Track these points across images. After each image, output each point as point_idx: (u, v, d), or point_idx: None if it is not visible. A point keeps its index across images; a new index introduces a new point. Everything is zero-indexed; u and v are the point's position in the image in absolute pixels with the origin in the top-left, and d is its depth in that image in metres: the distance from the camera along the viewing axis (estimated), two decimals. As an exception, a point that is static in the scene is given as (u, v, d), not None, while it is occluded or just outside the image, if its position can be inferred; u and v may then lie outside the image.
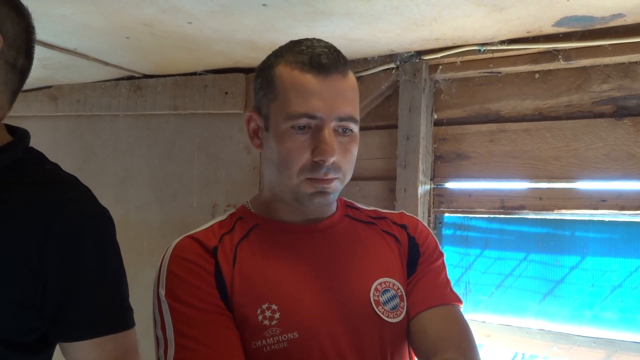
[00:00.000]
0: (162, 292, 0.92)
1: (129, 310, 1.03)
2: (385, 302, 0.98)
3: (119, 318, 1.00)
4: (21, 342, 0.95)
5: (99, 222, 1.00)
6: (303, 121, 0.92)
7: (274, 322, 0.90)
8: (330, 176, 0.94)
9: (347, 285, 0.98)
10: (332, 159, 0.92)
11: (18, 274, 0.92)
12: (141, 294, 1.19)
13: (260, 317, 0.91)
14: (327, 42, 0.98)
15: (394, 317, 0.98)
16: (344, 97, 0.94)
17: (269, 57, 1.01)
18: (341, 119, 0.94)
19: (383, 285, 1.00)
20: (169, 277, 0.93)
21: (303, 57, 0.94)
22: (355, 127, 0.97)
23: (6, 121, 1.09)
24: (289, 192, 0.97)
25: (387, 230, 1.08)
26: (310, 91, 0.92)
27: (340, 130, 0.95)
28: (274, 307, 0.91)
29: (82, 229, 0.96)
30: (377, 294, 0.98)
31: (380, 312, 0.97)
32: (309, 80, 0.92)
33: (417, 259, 1.06)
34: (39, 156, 1.05)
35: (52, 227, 0.93)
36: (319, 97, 0.92)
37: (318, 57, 0.93)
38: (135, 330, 1.03)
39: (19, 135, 1.03)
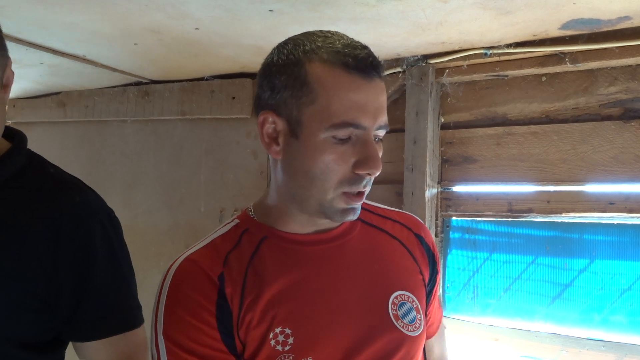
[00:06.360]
0: (160, 328, 0.85)
1: (138, 308, 1.05)
2: (404, 316, 0.95)
3: (129, 317, 1.03)
4: (37, 342, 0.97)
5: (107, 224, 1.02)
6: (348, 131, 0.83)
7: (287, 348, 0.85)
8: (367, 188, 0.89)
9: (365, 300, 0.93)
10: (378, 173, 0.85)
11: (34, 282, 0.93)
12: (148, 298, 1.19)
13: (272, 342, 0.85)
14: (353, 39, 0.88)
15: (414, 331, 0.95)
16: (384, 102, 0.86)
17: (290, 51, 0.87)
18: (380, 127, 0.86)
19: (399, 298, 0.96)
20: (167, 313, 0.86)
21: (345, 57, 0.83)
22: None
23: (15, 127, 1.09)
24: (315, 205, 0.88)
25: (400, 239, 1.04)
26: (357, 98, 0.82)
27: (375, 139, 0.87)
28: (288, 331, 0.86)
29: (91, 232, 0.98)
30: (395, 308, 0.94)
31: (400, 326, 0.93)
32: (356, 84, 0.82)
33: (435, 276, 1.06)
34: (40, 160, 1.05)
35: (62, 233, 0.95)
36: (365, 104, 0.82)
37: (364, 59, 0.83)
38: (144, 327, 1.05)
39: (18, 141, 1.02)
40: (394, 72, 1.91)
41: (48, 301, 0.95)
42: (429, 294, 1.04)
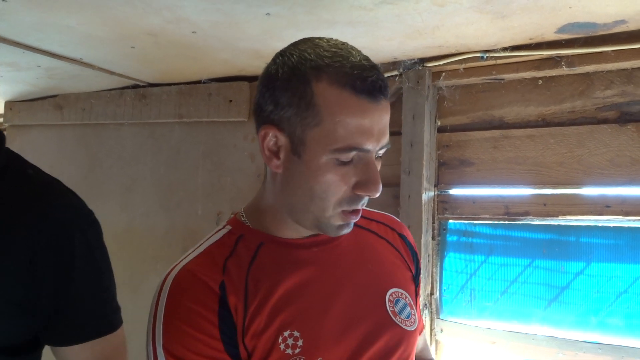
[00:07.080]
0: (159, 342, 0.83)
1: (117, 310, 1.04)
2: (400, 312, 0.97)
3: (108, 321, 1.01)
4: (13, 345, 0.94)
5: (86, 228, 1.00)
6: (351, 155, 0.82)
7: (297, 350, 0.85)
8: (365, 206, 0.89)
9: (364, 299, 0.95)
10: (378, 195, 0.85)
11: (12, 287, 0.92)
12: (145, 301, 1.18)
13: (282, 346, 0.85)
14: (362, 53, 0.86)
15: (410, 325, 0.97)
16: (387, 122, 0.85)
17: (295, 65, 0.83)
18: (382, 147, 0.85)
19: (394, 295, 0.98)
20: (167, 326, 0.83)
21: (354, 80, 0.81)
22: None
23: (13, 130, 1.08)
24: (313, 221, 0.89)
25: (387, 238, 1.07)
26: (363, 122, 0.81)
27: (375, 156, 0.87)
28: (296, 333, 0.86)
29: (70, 236, 0.96)
30: (392, 305, 0.97)
31: (399, 322, 0.95)
32: (363, 108, 0.81)
33: (418, 276, 1.09)
34: (19, 160, 1.02)
35: (41, 237, 0.93)
36: (371, 128, 0.81)
37: (373, 83, 0.81)
38: (123, 328, 1.04)
39: None
40: (391, 76, 1.91)
41: (27, 306, 0.93)
42: (415, 292, 1.07)
